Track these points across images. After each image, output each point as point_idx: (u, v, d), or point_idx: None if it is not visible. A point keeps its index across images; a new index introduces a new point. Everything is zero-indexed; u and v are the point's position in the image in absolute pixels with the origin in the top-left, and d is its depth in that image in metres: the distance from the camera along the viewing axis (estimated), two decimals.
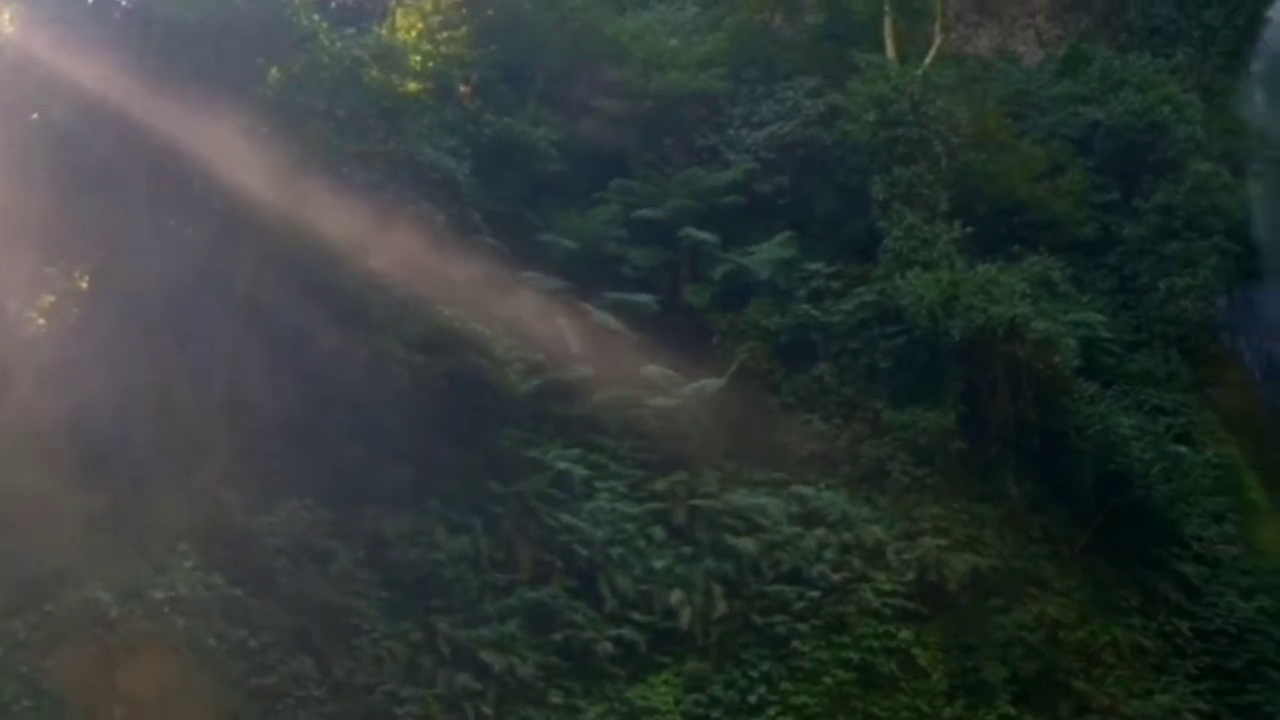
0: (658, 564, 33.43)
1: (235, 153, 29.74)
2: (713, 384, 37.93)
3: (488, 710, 29.43)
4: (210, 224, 31.20)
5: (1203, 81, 58.86)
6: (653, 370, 37.67)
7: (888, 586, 35.41)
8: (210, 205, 30.76)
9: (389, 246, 32.63)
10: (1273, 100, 58.11)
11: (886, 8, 49.49)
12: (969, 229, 43.35)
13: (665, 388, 37.24)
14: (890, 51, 48.39)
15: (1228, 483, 44.69)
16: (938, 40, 49.80)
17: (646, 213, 43.18)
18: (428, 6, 43.40)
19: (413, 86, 37.53)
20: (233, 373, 30.84)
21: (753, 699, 32.24)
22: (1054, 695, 36.77)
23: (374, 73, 33.69)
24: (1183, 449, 42.98)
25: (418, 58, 39.63)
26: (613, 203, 43.46)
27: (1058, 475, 40.19)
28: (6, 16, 29.40)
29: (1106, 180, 50.89)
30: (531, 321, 36.73)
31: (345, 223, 31.46)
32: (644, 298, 40.74)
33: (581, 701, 30.78)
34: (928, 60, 48.06)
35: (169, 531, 27.80)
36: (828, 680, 33.21)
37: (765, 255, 42.63)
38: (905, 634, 34.86)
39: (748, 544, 34.40)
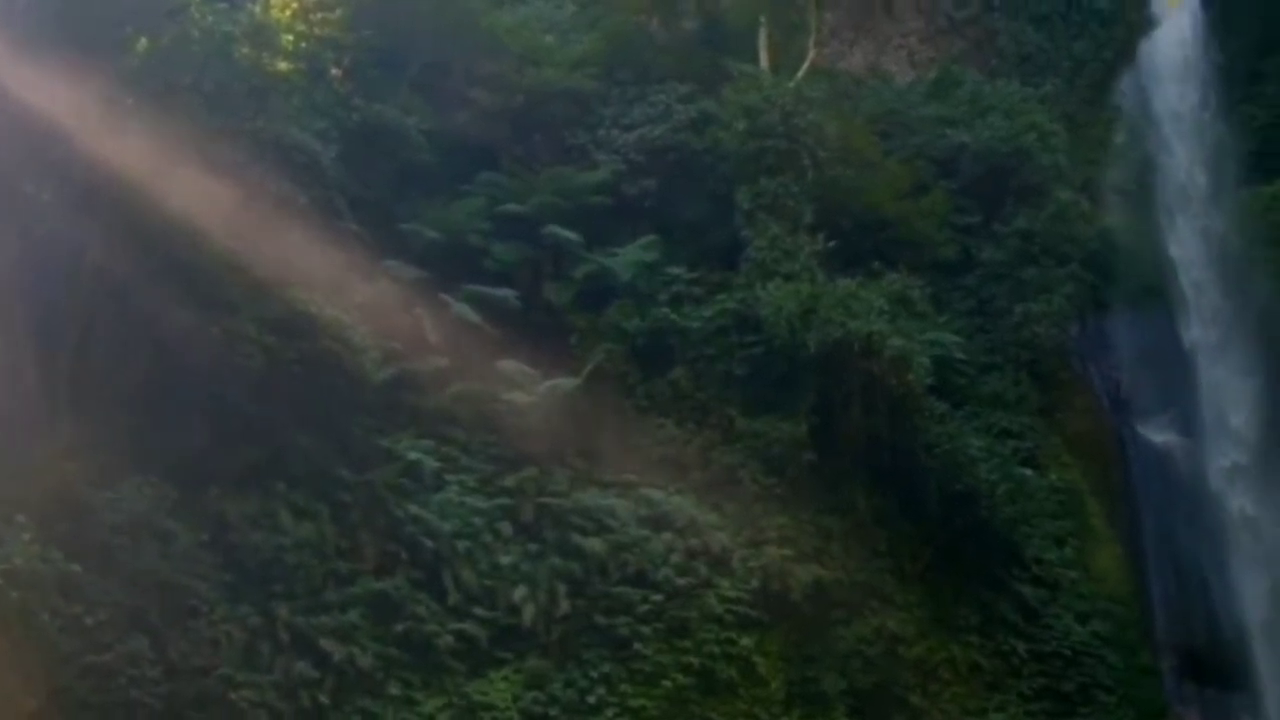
0: (504, 560, 33.54)
1: (98, 122, 29.49)
2: (568, 383, 38.08)
3: (324, 699, 29.42)
4: (67, 192, 30.81)
5: (1069, 111, 60.24)
6: (509, 366, 37.70)
7: (731, 593, 35.89)
8: (68, 173, 30.39)
9: (249, 226, 32.34)
10: (1134, 133, 59.67)
11: (763, 19, 50.05)
12: (832, 243, 43.82)
13: (521, 384, 37.28)
14: (764, 62, 48.91)
15: (1070, 507, 45.85)
16: (811, 54, 50.45)
17: (512, 208, 43.12)
18: None
19: (284, 66, 37.17)
20: (82, 345, 30.52)
21: (591, 699, 32.58)
22: (890, 709, 37.66)
23: (245, 50, 33.36)
24: (1028, 472, 44.08)
25: (290, 37, 39.14)
26: (479, 196, 43.36)
27: (905, 491, 40.97)
28: None
29: (969, 203, 51.62)
30: (390, 310, 36.56)
31: (206, 199, 31.23)
32: (504, 293, 40.63)
33: (420, 694, 30.87)
34: (800, 73, 48.64)
35: (8, 503, 27.30)
36: (667, 684, 33.68)
37: (628, 257, 42.76)
38: (746, 641, 35.42)
39: (595, 544, 34.66)
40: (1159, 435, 49.04)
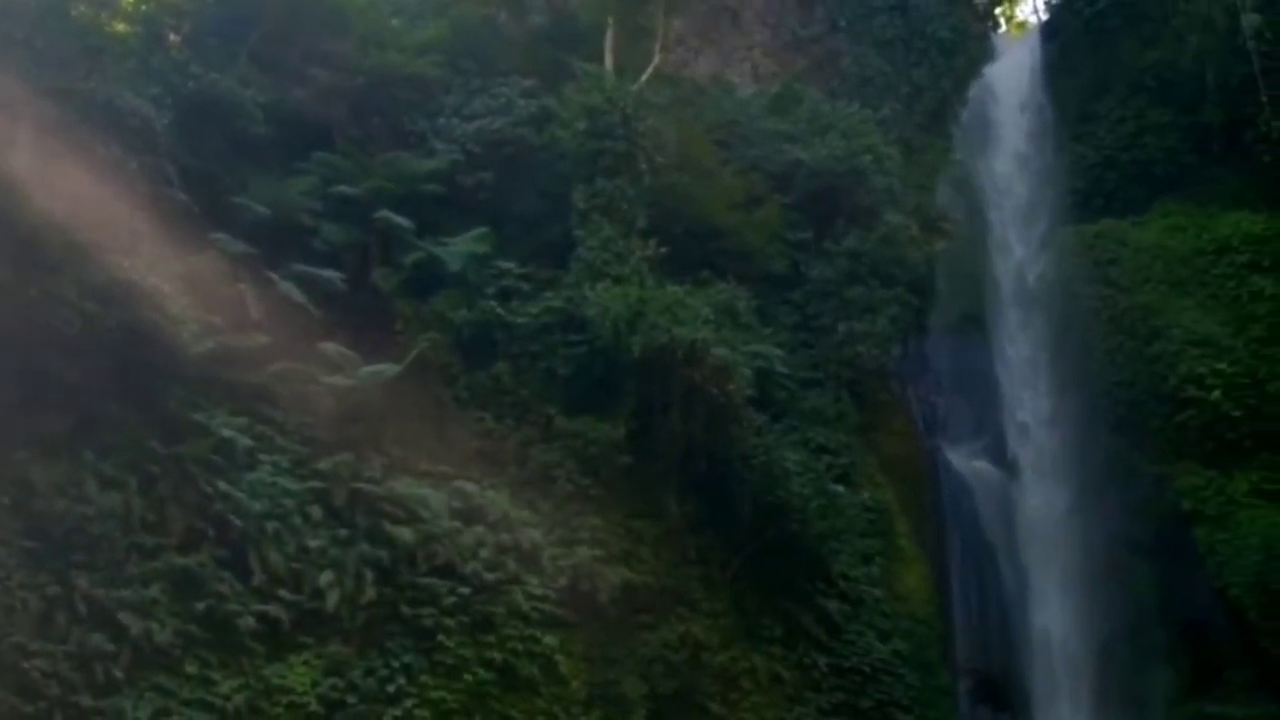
0: (312, 543, 33.23)
1: None
2: (389, 369, 37.86)
3: (118, 673, 28.93)
4: None
5: (905, 136, 61.63)
6: (331, 348, 37.42)
7: (539, 591, 36.07)
8: None
9: (74, 188, 31.96)
10: (967, 163, 61.18)
11: (610, 20, 50.39)
12: (663, 249, 44.32)
13: (341, 367, 37.02)
14: (609, 63, 49.15)
15: (880, 526, 46.79)
16: (656, 59, 50.95)
17: (345, 189, 42.95)
18: None
19: (121, 28, 36.94)
20: None
21: (391, 689, 32.43)
22: (689, 716, 38.05)
23: (82, 8, 33.14)
24: (841, 489, 44.73)
25: None
26: (312, 175, 43.11)
27: (719, 500, 41.48)
28: None
29: (802, 219, 52.54)
30: (213, 283, 36.12)
31: (31, 157, 30.88)
32: (331, 274, 40.40)
33: (217, 674, 30.43)
34: (644, 77, 49.09)
35: None
36: (468, 678, 33.71)
37: (459, 248, 42.78)
38: (550, 640, 35.58)
39: (405, 533, 34.55)
40: (971, 461, 50.38)
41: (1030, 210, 59.02)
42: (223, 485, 32.50)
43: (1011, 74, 65.58)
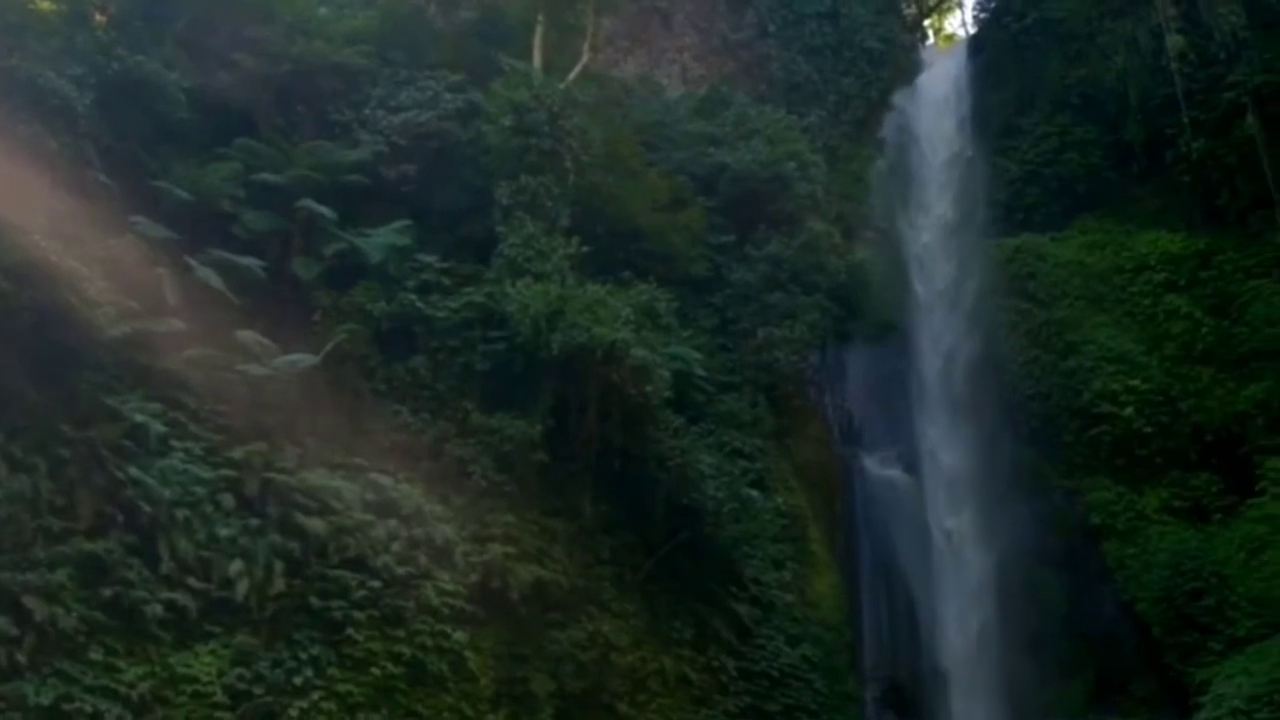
0: (222, 532, 33.02)
1: None
2: (307, 359, 37.61)
3: (21, 658, 28.68)
4: None
5: (830, 144, 62.31)
6: (248, 336, 37.08)
7: (450, 587, 36.12)
8: None
9: None
10: (892, 173, 61.71)
11: (540, 17, 50.40)
12: (585, 248, 44.30)
13: (258, 355, 36.71)
14: (537, 60, 49.12)
15: (792, 532, 47.25)
16: (585, 58, 51.02)
17: (268, 177, 42.57)
18: None
19: (45, 5, 36.56)
20: None
21: (298, 680, 32.31)
22: (596, 715, 38.28)
23: None
24: (755, 494, 45.32)
25: None
26: (235, 161, 42.69)
27: (633, 501, 41.77)
28: None
29: (725, 223, 53.02)
30: (131, 267, 35.66)
31: None
32: (251, 262, 39.92)
33: (122, 661, 30.23)
34: (572, 76, 49.11)
35: None
36: (376, 671, 33.69)
37: (380, 240, 42.52)
38: (460, 636, 35.64)
39: (317, 525, 34.40)
40: (884, 469, 50.92)
41: (952, 222, 59.61)
42: (134, 471, 32.20)
43: (938, 86, 66.33)
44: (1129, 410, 48.94)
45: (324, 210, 41.98)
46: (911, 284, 56.94)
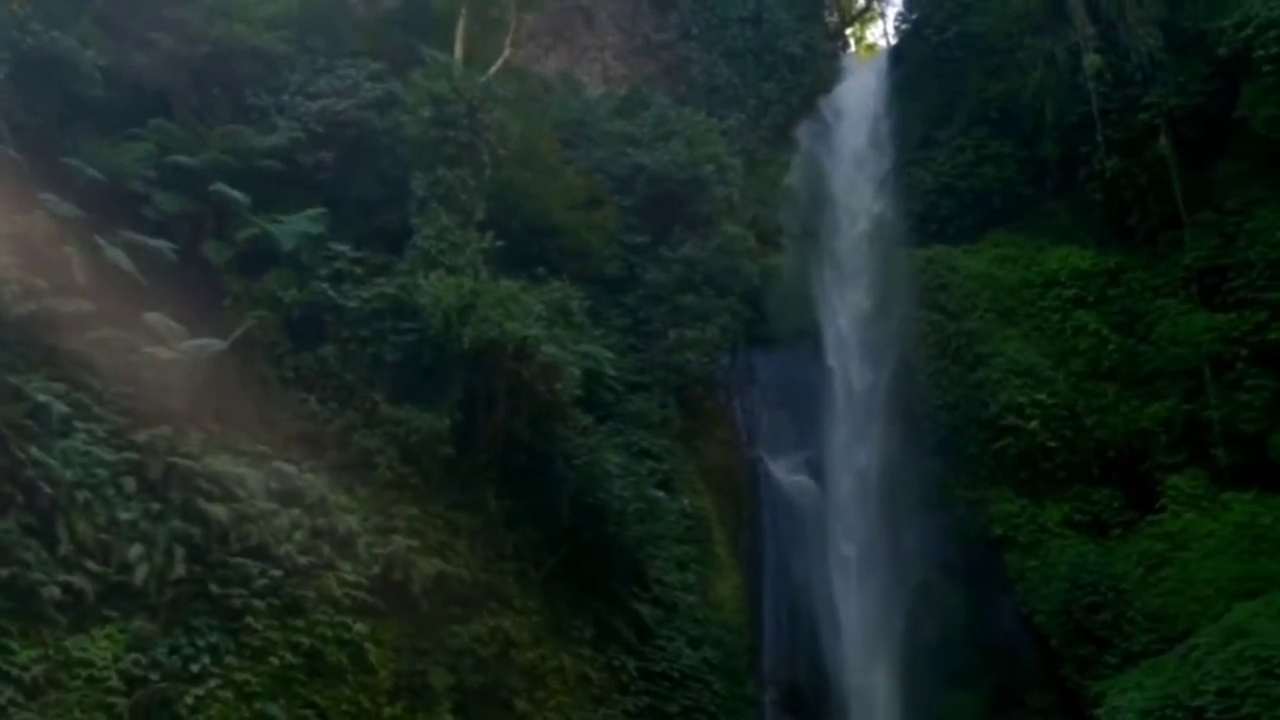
0: (123, 515, 32.66)
1: None
2: (215, 345, 37.36)
3: None
4: None
5: (749, 148, 62.58)
6: (156, 319, 36.66)
7: (352, 578, 35.98)
8: None
9: None
10: (809, 179, 62.15)
11: (463, 9, 50.40)
12: (500, 242, 44.31)
13: (165, 338, 36.32)
14: (458, 53, 49.08)
15: (697, 534, 47.55)
16: (506, 52, 51.12)
17: (181, 159, 42.15)
18: None
19: None
20: None
21: (195, 668, 32.02)
22: (495, 711, 38.30)
23: None
24: (661, 494, 45.45)
25: None
26: (149, 142, 42.30)
27: (539, 498, 41.89)
28: None
29: (640, 223, 53.22)
30: (39, 245, 35.31)
31: None
32: (161, 244, 39.42)
33: (15, 644, 29.82)
34: (493, 70, 49.14)
35: None
36: (275, 661, 33.48)
37: (293, 227, 42.15)
38: (360, 628, 35.51)
39: (219, 511, 34.08)
40: (790, 474, 51.26)
41: (866, 232, 60.10)
42: (35, 451, 31.80)
43: (858, 95, 66.89)
44: (1034, 424, 49.51)
45: (237, 195, 41.59)
46: (824, 291, 57.33)
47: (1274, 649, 38.20)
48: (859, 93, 67.19)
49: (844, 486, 51.32)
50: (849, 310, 56.80)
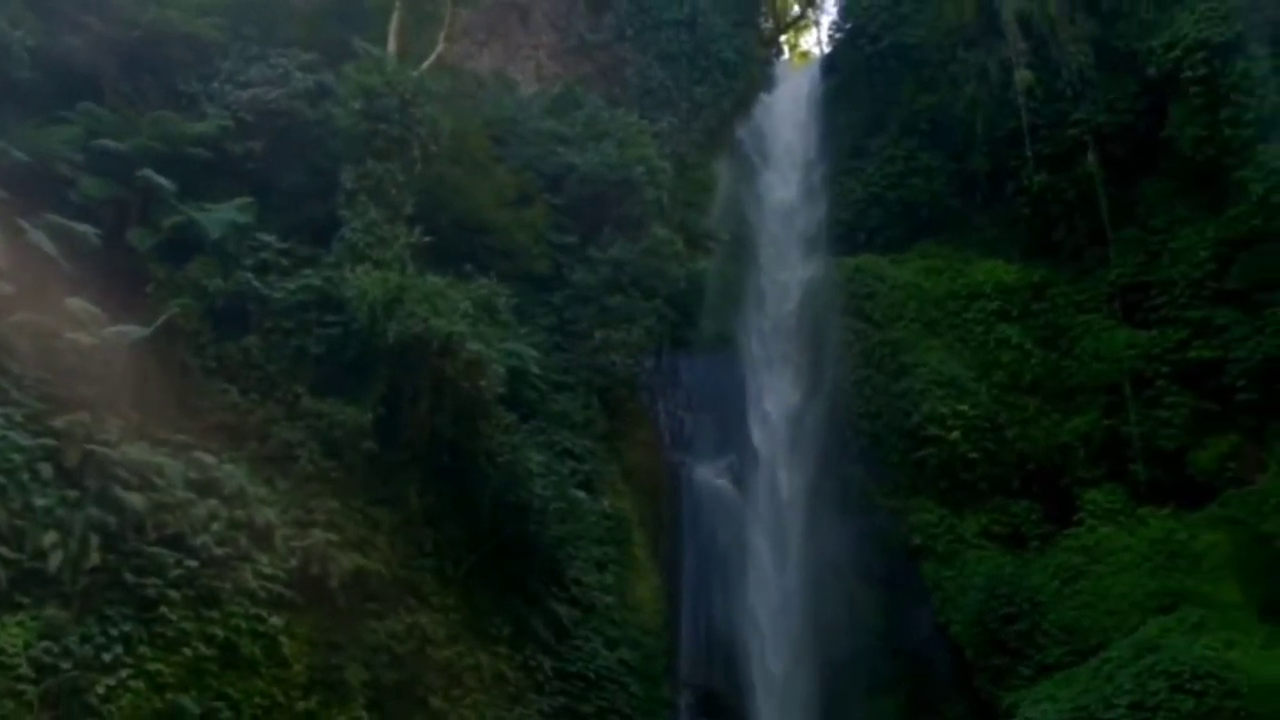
0: (38, 502, 32.26)
1: None
2: (136, 332, 37.00)
3: None
4: None
5: (680, 151, 62.81)
6: (77, 304, 36.31)
7: (269, 570, 35.73)
8: None
9: None
10: (738, 184, 62.46)
11: (398, 3, 50.37)
12: (428, 238, 44.30)
13: (86, 324, 35.97)
14: (392, 46, 49.09)
15: (617, 535, 47.64)
16: (440, 48, 51.11)
17: (108, 143, 41.80)
18: None
19: None
20: None
21: (107, 657, 31.74)
22: (409, 708, 38.20)
23: None
24: (582, 495, 45.56)
25: None
26: (76, 125, 41.95)
27: (460, 495, 41.87)
28: None
29: (569, 223, 53.19)
30: None
31: None
32: (86, 229, 38.96)
33: None
34: (426, 65, 49.08)
35: None
36: (188, 652, 33.21)
37: (220, 216, 41.79)
38: (276, 620, 35.31)
39: (136, 500, 33.71)
40: (712, 478, 51.47)
41: (794, 238, 60.46)
42: None
43: (791, 102, 67.30)
44: (956, 434, 49.93)
45: (164, 181, 41.30)
46: (750, 296, 57.62)
47: (1185, 664, 38.80)
48: (791, 100, 67.61)
49: (765, 492, 51.60)
50: (775, 316, 57.07)
